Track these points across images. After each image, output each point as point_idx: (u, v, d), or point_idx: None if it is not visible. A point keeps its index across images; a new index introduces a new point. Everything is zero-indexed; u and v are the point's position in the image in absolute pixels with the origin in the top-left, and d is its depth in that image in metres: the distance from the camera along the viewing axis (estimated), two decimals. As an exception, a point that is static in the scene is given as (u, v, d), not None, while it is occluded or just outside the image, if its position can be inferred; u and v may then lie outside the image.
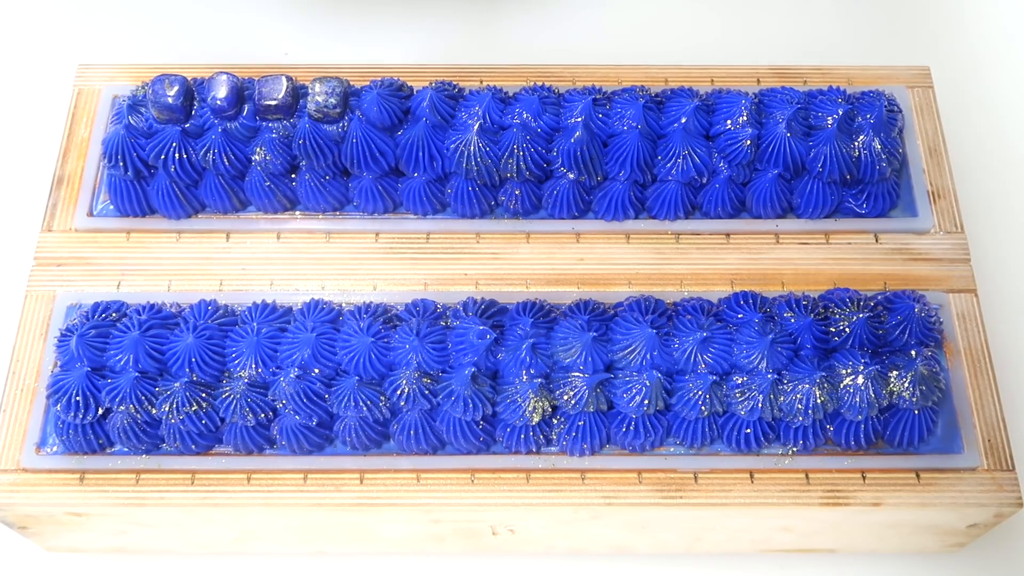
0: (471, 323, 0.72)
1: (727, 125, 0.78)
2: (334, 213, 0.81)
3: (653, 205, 0.80)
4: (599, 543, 0.79)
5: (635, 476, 0.73)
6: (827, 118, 0.78)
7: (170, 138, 0.77)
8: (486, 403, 0.72)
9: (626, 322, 0.73)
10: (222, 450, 0.74)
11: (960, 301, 0.78)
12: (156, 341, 0.72)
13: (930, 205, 0.81)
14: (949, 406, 0.75)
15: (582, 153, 0.77)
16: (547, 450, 0.74)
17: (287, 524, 0.75)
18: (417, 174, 0.78)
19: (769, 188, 0.79)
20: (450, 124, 0.78)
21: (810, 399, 0.71)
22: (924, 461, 0.73)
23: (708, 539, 0.78)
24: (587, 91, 0.80)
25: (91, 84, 0.85)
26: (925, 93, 0.86)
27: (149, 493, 0.72)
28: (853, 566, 0.82)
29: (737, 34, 1.03)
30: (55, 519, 0.74)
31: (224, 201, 0.80)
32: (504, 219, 0.81)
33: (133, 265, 0.79)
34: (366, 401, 0.71)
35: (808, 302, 0.75)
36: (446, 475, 0.73)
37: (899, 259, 0.80)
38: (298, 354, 0.72)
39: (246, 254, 0.80)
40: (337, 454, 0.74)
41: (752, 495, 0.72)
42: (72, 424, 0.72)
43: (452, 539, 0.78)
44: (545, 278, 0.79)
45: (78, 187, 0.81)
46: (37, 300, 0.78)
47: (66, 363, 0.73)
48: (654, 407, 0.72)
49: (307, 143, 0.77)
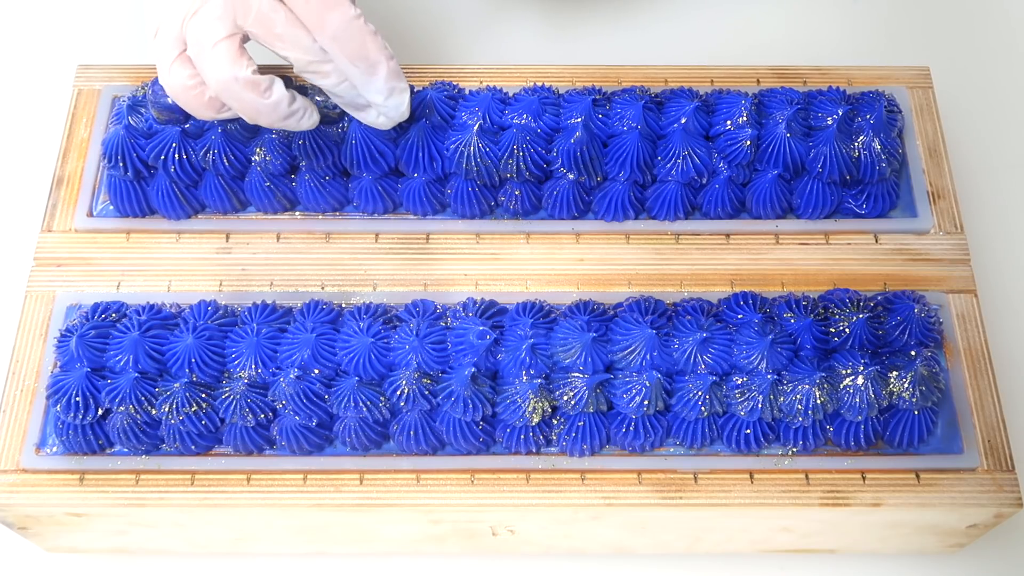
0: (471, 323, 0.72)
1: (727, 125, 0.78)
2: (334, 213, 0.81)
3: (653, 205, 0.80)
4: (599, 543, 0.79)
5: (635, 476, 0.73)
6: (827, 118, 0.78)
7: (170, 138, 0.77)
8: (486, 403, 0.72)
9: (626, 322, 0.73)
10: (222, 450, 0.74)
11: (960, 301, 0.78)
12: (156, 342, 0.72)
13: (930, 205, 0.81)
14: (949, 406, 0.75)
15: (582, 153, 0.77)
16: (547, 450, 0.74)
17: (287, 524, 0.75)
18: (417, 174, 0.78)
19: (769, 188, 0.79)
20: (450, 124, 0.78)
21: (810, 399, 0.71)
22: (924, 461, 0.73)
23: (708, 539, 0.78)
24: (587, 91, 0.80)
25: (91, 84, 0.85)
26: (925, 93, 0.86)
27: (149, 493, 0.72)
28: (853, 566, 0.82)
29: (737, 34, 1.03)
30: (55, 519, 0.74)
31: (224, 201, 0.80)
32: (504, 219, 0.81)
33: (133, 265, 0.79)
34: (366, 401, 0.71)
35: (808, 303, 0.75)
36: (446, 475, 0.73)
37: (899, 259, 0.80)
38: (298, 354, 0.72)
39: (246, 254, 0.80)
40: (337, 454, 0.74)
41: (752, 495, 0.72)
42: (72, 424, 0.72)
43: (452, 539, 0.78)
44: (545, 278, 0.79)
45: (78, 187, 0.81)
46: (37, 300, 0.78)
47: (66, 363, 0.73)
48: (654, 407, 0.72)
49: (307, 143, 0.77)
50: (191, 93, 0.70)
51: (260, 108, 0.69)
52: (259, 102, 0.69)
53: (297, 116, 0.71)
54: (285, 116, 0.71)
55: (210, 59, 0.68)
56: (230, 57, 0.68)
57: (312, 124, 0.73)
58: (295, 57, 0.69)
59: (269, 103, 0.69)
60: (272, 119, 0.70)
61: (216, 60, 0.68)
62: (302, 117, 0.72)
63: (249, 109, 0.69)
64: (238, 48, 0.68)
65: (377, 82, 0.71)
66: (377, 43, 0.70)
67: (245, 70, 0.68)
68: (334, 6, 0.68)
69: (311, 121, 0.73)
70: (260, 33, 0.68)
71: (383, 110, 0.73)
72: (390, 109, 0.73)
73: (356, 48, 0.69)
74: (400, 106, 0.73)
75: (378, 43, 0.70)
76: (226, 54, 0.68)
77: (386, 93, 0.72)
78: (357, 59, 0.69)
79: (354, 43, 0.69)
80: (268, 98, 0.69)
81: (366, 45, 0.69)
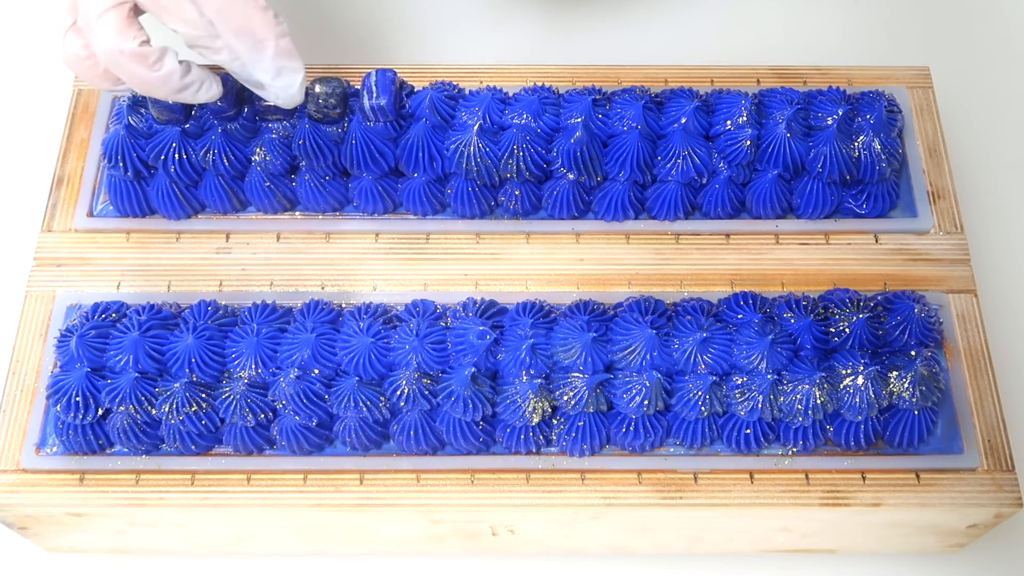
0: (471, 323, 0.72)
1: (727, 125, 0.78)
2: (334, 213, 0.81)
3: (653, 205, 0.80)
4: (599, 543, 0.79)
5: (635, 476, 0.73)
6: (827, 118, 0.78)
7: (170, 138, 0.77)
8: (486, 403, 0.72)
9: (626, 322, 0.73)
10: (222, 450, 0.74)
11: (960, 301, 0.78)
12: (156, 342, 0.72)
13: (930, 205, 0.81)
14: (949, 406, 0.75)
15: (582, 153, 0.77)
16: (547, 450, 0.74)
17: (287, 524, 0.75)
18: (417, 174, 0.78)
19: (769, 188, 0.79)
20: (450, 124, 0.78)
21: (810, 399, 0.71)
22: (924, 461, 0.73)
23: (708, 539, 0.78)
24: (587, 91, 0.79)
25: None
26: (925, 93, 0.86)
27: (149, 493, 0.72)
28: (853, 566, 0.82)
29: (737, 34, 1.03)
30: (55, 519, 0.74)
31: (224, 201, 0.80)
32: (504, 219, 0.81)
33: (133, 265, 0.79)
34: (366, 401, 0.71)
35: (808, 302, 0.75)
36: (446, 475, 0.73)
37: (899, 259, 0.80)
38: (298, 354, 0.72)
39: (246, 254, 0.80)
40: (337, 454, 0.74)
41: (752, 495, 0.72)
42: (72, 424, 0.72)
43: (452, 539, 0.78)
44: (545, 278, 0.79)
45: (78, 187, 0.81)
46: (37, 300, 0.78)
47: (66, 363, 0.73)
48: (654, 407, 0.72)
49: (307, 143, 0.77)
50: (84, 64, 0.68)
51: (150, 81, 0.67)
52: (148, 74, 0.66)
53: (192, 88, 0.69)
54: (178, 89, 0.68)
55: (96, 30, 0.65)
56: (116, 28, 0.65)
57: (211, 96, 0.70)
58: (183, 31, 0.67)
59: (159, 75, 0.67)
60: (165, 92, 0.68)
61: (101, 31, 0.65)
62: (198, 89, 0.69)
63: (139, 82, 0.67)
64: (125, 18, 0.65)
65: (264, 60, 0.68)
66: (266, 18, 0.67)
67: (131, 42, 0.65)
68: None
69: (209, 93, 0.70)
70: (147, 3, 0.66)
71: (274, 91, 0.70)
72: (279, 90, 0.70)
73: (240, 23, 0.66)
74: (290, 88, 0.70)
75: (267, 18, 0.67)
76: (112, 25, 0.65)
77: (273, 73, 0.69)
78: (242, 35, 0.67)
79: (238, 17, 0.66)
80: (158, 71, 0.67)
81: (251, 20, 0.66)
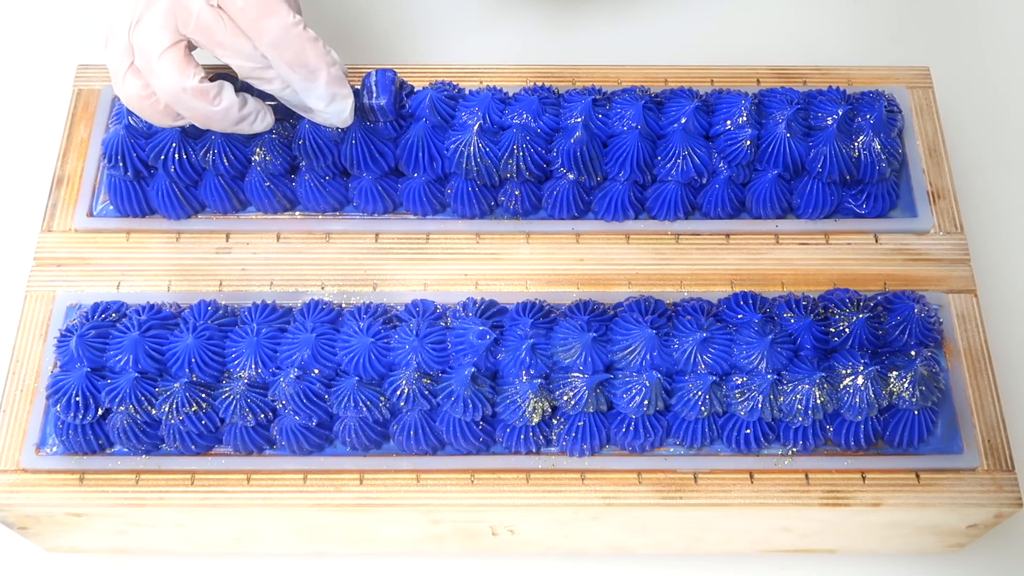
0: (471, 323, 0.72)
1: (727, 125, 0.78)
2: (334, 213, 0.81)
3: (653, 205, 0.80)
4: (599, 543, 0.79)
5: (635, 476, 0.73)
6: (827, 118, 0.78)
7: (170, 138, 0.77)
8: (486, 403, 0.72)
9: (626, 322, 0.73)
10: (222, 450, 0.74)
11: (960, 301, 0.78)
12: (156, 341, 0.72)
13: (930, 205, 0.81)
14: (949, 406, 0.75)
15: (582, 153, 0.77)
16: (547, 450, 0.74)
17: (287, 524, 0.75)
18: (417, 174, 0.78)
19: (769, 188, 0.79)
20: (450, 124, 0.78)
21: (810, 399, 0.71)
22: (924, 461, 0.73)
23: (708, 539, 0.78)
24: (587, 91, 0.79)
25: (91, 84, 0.85)
26: (925, 93, 0.86)
27: (149, 493, 0.72)
28: (853, 566, 0.82)
29: (737, 34, 1.03)
30: (55, 519, 0.74)
31: (224, 201, 0.80)
32: (504, 219, 0.81)
33: (133, 265, 0.79)
34: (366, 401, 0.71)
35: (808, 302, 0.75)
36: (446, 475, 0.73)
37: (899, 259, 0.80)
38: (298, 354, 0.72)
39: (246, 254, 0.80)
40: (337, 454, 0.74)
41: (752, 495, 0.72)
42: (72, 424, 0.72)
43: (452, 539, 0.78)
44: (545, 278, 0.79)
45: (78, 187, 0.81)
46: (37, 300, 0.78)
47: (66, 363, 0.73)
48: (654, 407, 0.72)
49: (307, 143, 0.77)
50: (146, 103, 0.70)
51: (211, 115, 0.70)
52: (209, 110, 0.69)
53: (249, 120, 0.72)
54: (237, 121, 0.71)
55: (157, 71, 0.68)
56: (176, 67, 0.68)
57: (266, 126, 0.73)
58: (238, 64, 0.69)
59: (219, 110, 0.69)
60: (224, 125, 0.71)
61: (162, 72, 0.68)
62: (255, 120, 0.72)
63: (200, 117, 0.70)
64: (183, 57, 0.68)
65: (317, 88, 0.71)
66: (317, 50, 0.69)
67: (192, 79, 0.68)
68: (271, 13, 0.68)
69: (264, 123, 0.73)
70: (202, 40, 0.68)
71: (325, 116, 0.73)
72: (332, 116, 0.73)
73: (294, 55, 0.69)
74: (342, 112, 0.73)
75: (318, 50, 0.69)
76: (171, 64, 0.68)
77: (327, 100, 0.71)
78: (296, 66, 0.69)
79: (292, 50, 0.68)
80: (218, 105, 0.69)
81: (305, 52, 0.69)
